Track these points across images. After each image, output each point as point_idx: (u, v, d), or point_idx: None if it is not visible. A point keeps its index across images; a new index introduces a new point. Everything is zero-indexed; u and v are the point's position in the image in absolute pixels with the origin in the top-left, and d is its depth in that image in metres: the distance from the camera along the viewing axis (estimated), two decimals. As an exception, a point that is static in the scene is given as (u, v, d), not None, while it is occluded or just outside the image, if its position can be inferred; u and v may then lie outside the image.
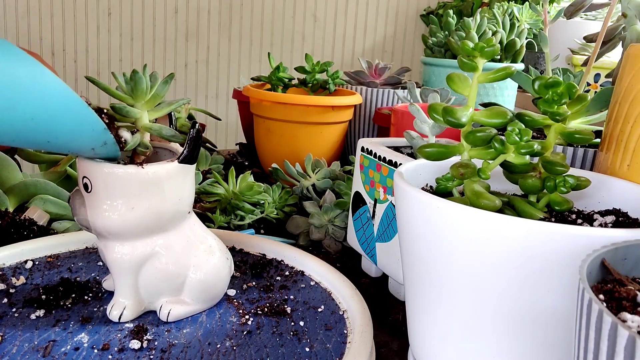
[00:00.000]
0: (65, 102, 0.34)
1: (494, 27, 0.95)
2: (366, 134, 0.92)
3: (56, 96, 0.33)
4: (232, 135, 1.89)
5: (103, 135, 0.37)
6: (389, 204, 0.50)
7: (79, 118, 0.35)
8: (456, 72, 0.37)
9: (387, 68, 0.93)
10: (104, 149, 0.38)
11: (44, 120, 0.33)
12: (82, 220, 0.40)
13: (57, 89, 0.33)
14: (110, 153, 0.39)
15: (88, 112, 0.35)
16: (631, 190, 0.37)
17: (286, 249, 0.54)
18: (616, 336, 0.19)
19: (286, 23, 1.90)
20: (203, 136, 0.86)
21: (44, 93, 0.32)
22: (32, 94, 0.32)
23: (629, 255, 0.26)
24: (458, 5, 1.62)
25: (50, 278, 0.48)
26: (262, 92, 0.82)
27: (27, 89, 0.32)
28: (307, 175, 0.73)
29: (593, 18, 1.31)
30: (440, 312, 0.34)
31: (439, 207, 0.31)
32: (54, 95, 0.33)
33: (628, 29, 0.56)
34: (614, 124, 0.40)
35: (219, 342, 0.40)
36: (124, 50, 1.77)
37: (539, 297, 0.29)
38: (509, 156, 0.34)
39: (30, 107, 0.32)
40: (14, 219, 0.56)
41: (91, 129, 0.36)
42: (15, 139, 0.33)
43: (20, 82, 0.31)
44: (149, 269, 0.42)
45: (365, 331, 0.41)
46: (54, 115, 0.33)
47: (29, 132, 0.33)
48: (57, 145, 0.36)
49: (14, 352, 0.37)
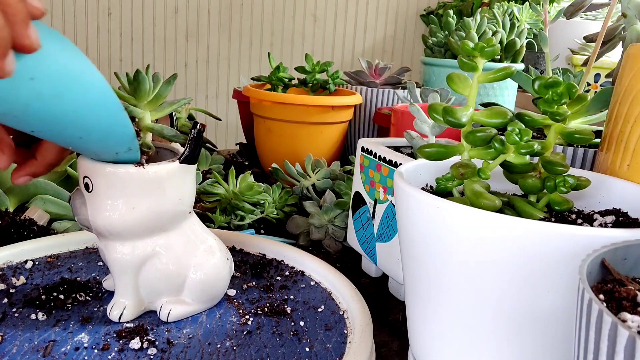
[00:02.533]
0: (105, 100, 0.35)
1: (494, 27, 0.95)
2: (366, 134, 0.92)
3: (99, 93, 0.34)
4: (232, 135, 1.89)
5: (131, 141, 0.38)
6: (389, 204, 0.50)
7: (114, 118, 0.36)
8: (456, 72, 0.37)
9: (387, 68, 0.93)
10: (127, 155, 0.39)
11: (83, 115, 0.34)
12: (82, 220, 0.40)
13: (101, 86, 0.34)
14: (131, 159, 0.39)
15: (123, 115, 0.36)
16: (631, 190, 0.37)
17: (286, 249, 0.54)
18: (616, 336, 0.19)
19: (286, 23, 1.90)
20: (203, 136, 0.86)
21: (89, 88, 0.33)
22: (79, 87, 0.33)
23: (629, 255, 0.26)
24: (458, 5, 1.62)
25: (50, 278, 0.48)
26: (262, 92, 0.82)
27: (74, 81, 0.32)
28: (307, 175, 0.73)
29: (593, 18, 1.31)
30: (440, 312, 0.34)
31: (439, 207, 0.31)
32: (97, 91, 0.34)
33: (628, 29, 0.56)
34: (614, 124, 0.40)
35: (219, 342, 0.40)
36: (124, 50, 1.77)
37: (538, 297, 0.29)
38: (509, 156, 0.34)
39: (74, 99, 0.32)
40: (14, 219, 0.56)
41: (122, 131, 0.37)
42: (52, 129, 0.33)
43: (70, 73, 0.32)
44: (149, 268, 0.42)
45: (365, 331, 0.41)
46: (93, 111, 0.34)
47: (67, 125, 0.33)
48: (86, 142, 0.36)
49: (14, 352, 0.37)
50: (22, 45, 0.28)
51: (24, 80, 0.29)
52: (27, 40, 0.28)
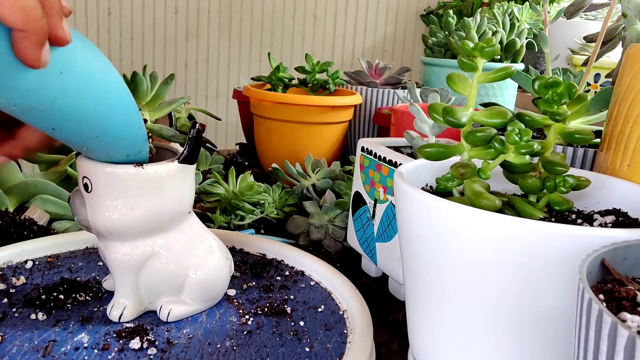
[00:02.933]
0: (124, 101, 0.36)
1: (494, 27, 0.95)
2: (366, 134, 0.92)
3: (119, 94, 0.35)
4: (232, 135, 1.89)
5: (143, 143, 0.39)
6: (389, 204, 0.50)
7: (130, 119, 0.37)
8: (456, 72, 0.37)
9: (387, 68, 0.93)
10: (137, 157, 0.39)
11: (103, 114, 0.35)
12: (82, 220, 0.40)
13: (121, 87, 0.35)
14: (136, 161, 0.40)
15: (139, 117, 0.38)
16: (631, 190, 0.37)
17: (286, 249, 0.54)
18: (616, 336, 0.19)
19: (286, 23, 1.90)
20: (203, 136, 0.86)
21: (110, 88, 0.34)
22: (101, 86, 0.34)
23: (629, 255, 0.26)
24: (458, 5, 1.62)
25: (50, 278, 0.48)
26: (262, 92, 0.82)
27: (98, 80, 0.33)
28: (307, 175, 0.73)
29: (593, 18, 1.31)
30: (440, 312, 0.34)
31: (439, 207, 0.31)
32: (117, 93, 0.35)
33: (628, 29, 0.56)
34: (614, 124, 0.40)
35: (219, 342, 0.40)
36: (124, 50, 1.77)
37: (538, 297, 0.29)
38: (509, 156, 0.34)
39: (96, 98, 0.33)
40: (14, 219, 0.56)
41: (136, 133, 0.38)
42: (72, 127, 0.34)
43: (94, 72, 0.33)
44: (149, 268, 0.42)
45: (365, 331, 0.41)
46: (112, 111, 0.35)
47: (87, 123, 0.34)
48: (102, 143, 0.37)
49: (14, 352, 0.37)
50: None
51: (54, 74, 0.30)
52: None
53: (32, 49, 0.27)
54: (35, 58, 0.28)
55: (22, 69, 0.28)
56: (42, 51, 0.28)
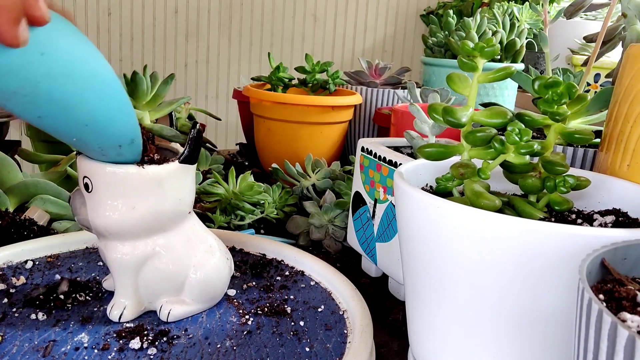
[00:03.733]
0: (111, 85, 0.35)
1: (494, 27, 0.95)
2: (366, 134, 0.92)
3: (105, 77, 0.34)
4: (232, 135, 1.89)
5: (133, 130, 0.38)
6: (389, 204, 0.50)
7: (118, 104, 0.36)
8: (456, 72, 0.37)
9: (387, 68, 0.93)
10: (130, 148, 0.38)
11: (90, 99, 0.34)
12: (82, 220, 0.40)
13: (106, 71, 0.34)
14: (133, 155, 0.39)
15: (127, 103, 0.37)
16: (631, 190, 0.37)
17: (286, 249, 0.54)
18: (616, 336, 0.19)
19: (286, 23, 1.90)
20: (203, 136, 0.86)
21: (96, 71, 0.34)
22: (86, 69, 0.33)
23: (629, 255, 0.26)
24: (458, 5, 1.62)
25: (50, 278, 0.48)
26: (262, 92, 0.82)
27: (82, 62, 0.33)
28: (307, 175, 0.73)
29: (593, 18, 1.31)
30: (440, 312, 0.34)
31: (439, 207, 0.31)
32: (103, 76, 0.34)
33: (628, 29, 0.56)
34: (614, 124, 0.40)
35: (219, 342, 0.40)
36: (124, 50, 1.77)
37: (538, 296, 0.29)
38: (509, 156, 0.34)
39: (81, 81, 0.33)
40: (14, 219, 0.56)
41: (126, 120, 0.37)
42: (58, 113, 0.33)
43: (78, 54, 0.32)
44: (149, 268, 0.42)
45: (365, 331, 0.41)
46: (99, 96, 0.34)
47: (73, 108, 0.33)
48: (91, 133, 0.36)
49: (14, 352, 0.37)
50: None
51: (35, 55, 0.30)
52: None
53: (7, 26, 0.27)
54: (12, 35, 0.27)
55: (2, 49, 0.28)
56: (18, 28, 0.27)
